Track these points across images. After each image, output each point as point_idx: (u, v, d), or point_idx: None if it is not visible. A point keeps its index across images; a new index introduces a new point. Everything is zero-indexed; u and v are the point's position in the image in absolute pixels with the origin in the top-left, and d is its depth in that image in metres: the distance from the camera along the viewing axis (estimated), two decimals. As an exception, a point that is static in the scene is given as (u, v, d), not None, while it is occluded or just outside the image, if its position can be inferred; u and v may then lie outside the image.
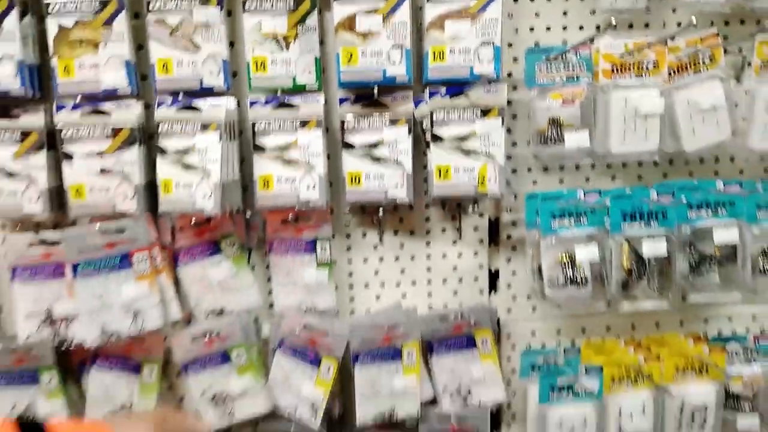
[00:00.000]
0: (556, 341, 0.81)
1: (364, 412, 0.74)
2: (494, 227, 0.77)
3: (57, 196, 0.68)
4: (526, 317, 0.80)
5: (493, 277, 0.79)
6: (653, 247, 0.69)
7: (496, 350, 0.78)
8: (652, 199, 0.70)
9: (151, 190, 0.69)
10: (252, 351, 0.74)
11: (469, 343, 0.77)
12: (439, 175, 0.68)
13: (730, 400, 0.79)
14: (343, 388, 0.78)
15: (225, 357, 0.73)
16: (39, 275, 0.69)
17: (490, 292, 0.79)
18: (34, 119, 0.65)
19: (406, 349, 0.74)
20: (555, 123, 0.69)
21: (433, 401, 0.78)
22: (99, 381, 0.72)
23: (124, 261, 0.68)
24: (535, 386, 0.76)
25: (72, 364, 0.73)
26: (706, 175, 0.77)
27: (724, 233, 0.70)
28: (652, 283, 0.72)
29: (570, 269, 0.70)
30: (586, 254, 0.69)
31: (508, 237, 0.78)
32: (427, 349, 0.77)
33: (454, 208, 0.76)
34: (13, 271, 0.69)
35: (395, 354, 0.74)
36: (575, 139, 0.69)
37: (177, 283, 0.72)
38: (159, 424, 0.56)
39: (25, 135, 0.65)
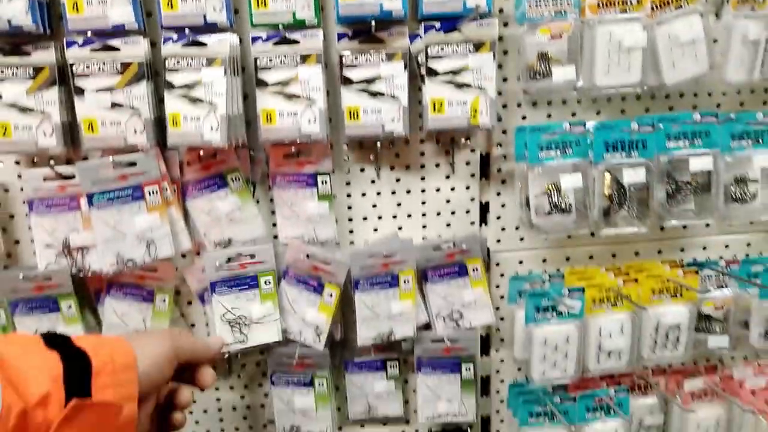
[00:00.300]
0: (542, 269, 0.85)
1: (364, 333, 0.79)
2: (485, 162, 0.81)
3: (70, 131, 0.70)
4: (514, 247, 0.85)
5: (484, 209, 0.83)
6: (633, 175, 0.73)
7: (486, 278, 0.82)
8: (633, 130, 0.73)
9: (159, 126, 0.71)
10: (276, 279, 0.77)
11: (461, 270, 0.81)
12: (434, 109, 0.71)
13: (703, 322, 0.84)
14: (344, 314, 0.82)
15: (254, 282, 0.76)
16: (55, 207, 0.72)
17: (480, 224, 0.83)
18: (45, 56, 0.67)
19: (403, 276, 0.78)
20: (543, 57, 0.72)
21: (427, 326, 0.83)
22: (114, 309, 0.76)
23: (137, 193, 0.70)
24: (522, 310, 0.81)
25: (89, 294, 0.77)
26: (685, 109, 0.81)
27: (699, 162, 0.74)
28: (631, 210, 0.76)
29: (555, 197, 0.74)
30: (570, 183, 0.73)
31: (498, 171, 0.81)
32: (422, 276, 0.81)
33: (448, 143, 0.79)
34: (30, 204, 0.71)
35: (393, 280, 0.78)
36: (562, 73, 0.72)
37: (186, 215, 0.75)
38: (173, 337, 0.58)
39: (37, 71, 0.67)
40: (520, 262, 0.85)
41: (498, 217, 0.83)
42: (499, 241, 0.84)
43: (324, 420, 0.83)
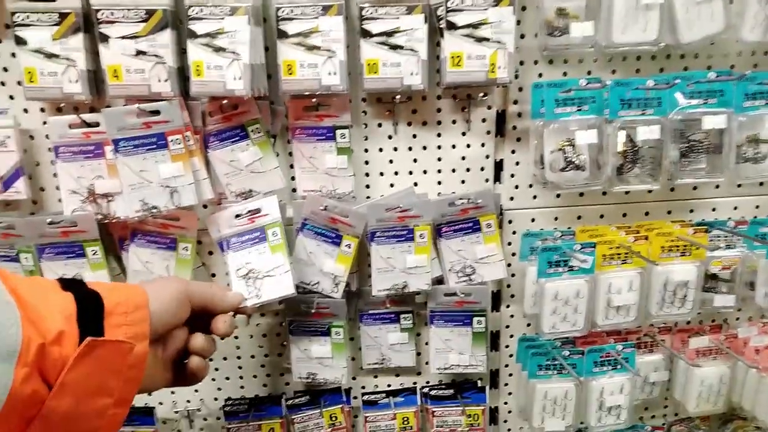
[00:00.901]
0: (554, 227, 0.85)
1: (379, 285, 0.79)
2: (500, 119, 0.80)
3: (94, 79, 0.70)
4: (527, 205, 0.84)
5: (498, 167, 0.82)
6: (647, 133, 0.72)
7: (499, 234, 0.82)
8: (648, 87, 0.72)
9: (182, 76, 0.70)
10: (283, 230, 0.76)
11: (475, 226, 0.81)
12: (453, 63, 0.70)
13: (710, 281, 0.84)
14: (359, 266, 0.83)
15: (262, 235, 0.75)
16: (80, 154, 0.72)
17: (494, 181, 0.83)
18: (70, 1, 0.66)
19: (419, 231, 0.78)
20: (562, 13, 0.71)
21: (440, 280, 0.83)
22: (138, 255, 0.76)
23: (161, 141, 0.70)
24: (533, 267, 0.81)
25: (113, 240, 0.77)
26: (700, 69, 0.79)
27: (713, 120, 0.73)
28: (644, 168, 0.75)
29: (570, 154, 0.74)
30: (585, 139, 0.72)
31: (514, 128, 0.80)
32: (436, 231, 0.81)
33: (465, 99, 0.78)
34: (56, 151, 0.71)
35: (408, 234, 0.78)
36: (580, 29, 0.71)
37: (208, 165, 0.75)
38: (187, 282, 0.58)
39: (62, 17, 0.66)
40: (533, 220, 0.85)
41: (512, 175, 0.82)
42: (512, 198, 0.83)
43: (339, 368, 0.84)
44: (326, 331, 0.83)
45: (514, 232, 0.85)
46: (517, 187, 0.83)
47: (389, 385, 0.91)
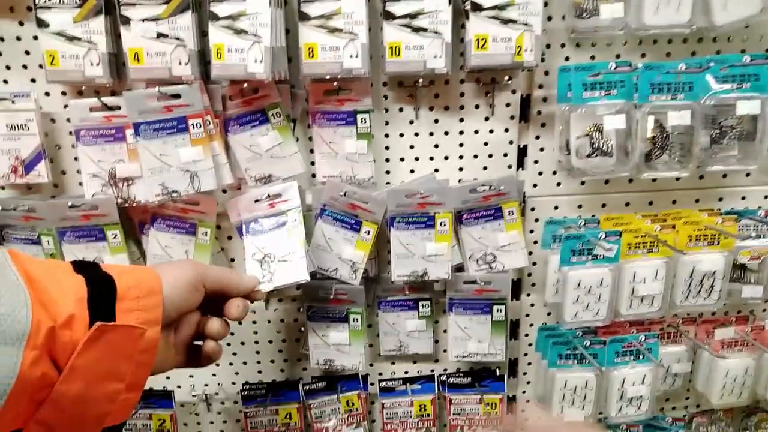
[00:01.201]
0: (577, 215, 0.84)
1: (399, 271, 0.80)
2: (525, 104, 0.79)
3: (115, 62, 0.71)
4: (550, 192, 0.84)
5: (521, 153, 0.82)
6: (678, 118, 0.71)
7: (522, 221, 0.82)
8: (679, 71, 0.71)
9: (202, 59, 0.71)
10: (301, 216, 0.77)
11: (497, 213, 0.81)
12: (477, 45, 0.70)
13: (738, 272, 0.83)
14: (378, 253, 0.83)
15: (282, 220, 0.76)
16: (101, 138, 0.72)
17: (518, 167, 0.82)
18: (91, -17, 0.67)
19: (439, 219, 0.78)
20: (591, -6, 0.70)
21: (460, 268, 0.83)
22: (158, 240, 0.77)
23: (181, 125, 0.71)
24: (555, 255, 0.81)
25: (133, 224, 0.78)
26: (733, 53, 0.78)
27: (747, 105, 0.72)
28: (673, 154, 0.75)
29: (597, 139, 0.73)
30: (613, 124, 0.72)
31: (538, 113, 0.80)
32: (456, 218, 0.81)
33: (488, 83, 0.77)
34: (77, 134, 0.72)
35: (429, 221, 0.78)
36: (610, 11, 0.70)
37: (228, 150, 0.76)
38: (201, 266, 0.58)
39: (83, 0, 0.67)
40: (556, 208, 0.84)
41: (535, 161, 0.82)
42: (535, 185, 0.83)
43: (357, 355, 0.85)
44: (344, 317, 0.84)
45: (536, 220, 0.85)
46: (540, 173, 0.83)
47: (406, 372, 0.92)
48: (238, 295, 0.64)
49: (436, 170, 0.82)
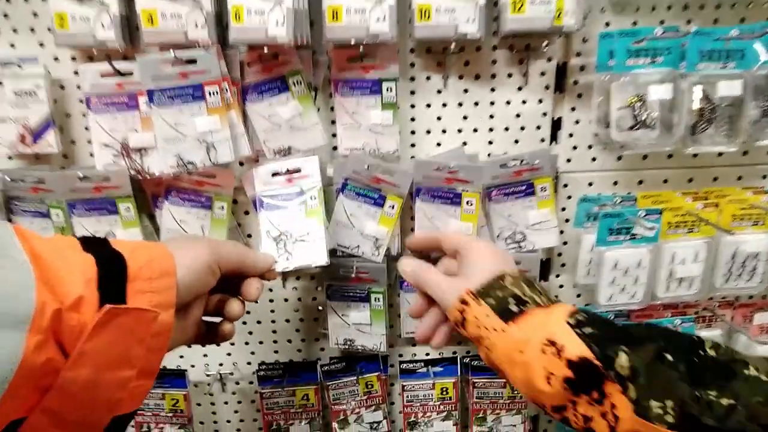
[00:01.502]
0: (612, 192, 0.82)
1: (425, 249, 0.78)
2: (561, 73, 0.76)
3: (128, 25, 0.68)
4: (585, 168, 0.81)
5: (555, 125, 0.79)
6: (728, 89, 0.68)
7: (554, 198, 0.79)
8: (731, 37, 0.68)
9: (219, 22, 0.68)
10: (321, 194, 0.75)
11: (528, 190, 0.78)
12: (515, 8, 0.66)
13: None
14: (402, 230, 0.81)
15: (300, 197, 0.74)
16: (113, 106, 0.70)
17: (551, 141, 0.79)
18: (102, -61, 0.64)
19: (467, 197, 0.76)
20: (638, -47, 0.66)
21: (488, 246, 0.81)
22: (172, 214, 0.76)
23: (197, 92, 0.68)
24: (589, 234, 0.78)
25: (147, 197, 0.76)
26: (788, 19, 0.74)
27: (803, 76, 0.68)
28: (720, 127, 0.71)
29: (640, 111, 0.70)
30: (658, 94, 0.68)
31: (575, 83, 0.76)
32: (485, 194, 0.78)
33: (523, 50, 0.74)
34: (87, 102, 0.70)
35: (455, 198, 0.76)
36: (658, -29, 0.66)
37: (245, 120, 0.73)
38: (216, 245, 0.57)
39: (94, -44, 0.64)
40: (590, 184, 0.82)
41: (570, 135, 0.79)
42: (569, 160, 0.80)
43: (377, 335, 0.84)
44: (365, 297, 0.82)
45: (569, 197, 0.82)
46: (575, 148, 0.80)
47: (427, 354, 0.91)
48: (254, 275, 0.63)
49: (464, 144, 0.79)
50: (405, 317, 0.86)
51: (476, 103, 0.77)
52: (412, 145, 0.79)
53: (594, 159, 0.80)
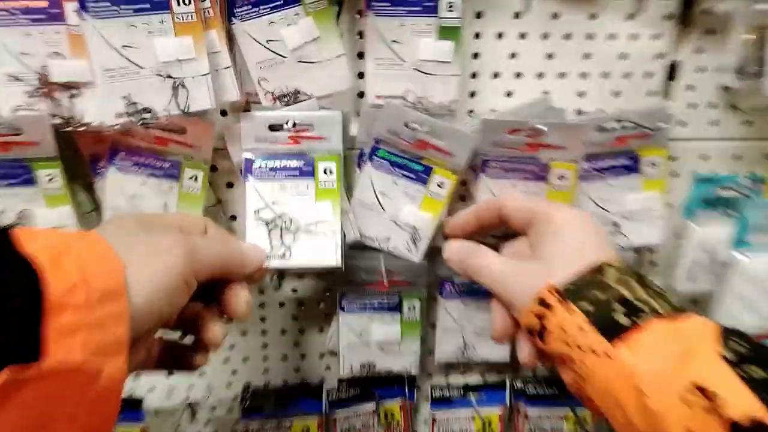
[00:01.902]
0: (731, 170, 0.62)
1: (487, 243, 0.57)
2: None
3: None
4: (702, 135, 0.60)
5: (671, 73, 0.58)
6: None
7: (666, 177, 0.59)
8: None
9: None
10: (341, 165, 0.54)
11: (632, 164, 0.58)
12: None
13: None
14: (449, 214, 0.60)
15: (308, 167, 0.53)
16: (25, 17, 0.46)
17: (664, 95, 0.58)
18: None
19: (558, 170, 0.54)
20: None
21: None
22: (122, 186, 0.53)
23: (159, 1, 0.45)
24: (705, 229, 0.59)
25: (82, 161, 0.53)
26: None
27: None
28: None
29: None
30: None
31: (705, 13, 0.55)
32: (571, 168, 0.58)
33: (645, -43, 0.52)
34: (-17, 7, 0.46)
35: (540, 172, 0.55)
36: None
37: (232, 47, 0.50)
38: (191, 243, 0.39)
39: None
40: (704, 158, 0.61)
41: (689, 87, 0.58)
42: (684, 124, 0.60)
43: (409, 354, 0.64)
44: (395, 305, 0.61)
45: (676, 175, 0.62)
46: (693, 106, 0.59)
47: (463, 372, 0.71)
48: (242, 277, 0.45)
49: (545, 93, 0.57)
50: (443, 332, 0.65)
51: (567, 36, 0.55)
52: (472, 95, 0.57)
53: (716, 123, 0.60)
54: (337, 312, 0.61)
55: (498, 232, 0.54)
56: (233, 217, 0.60)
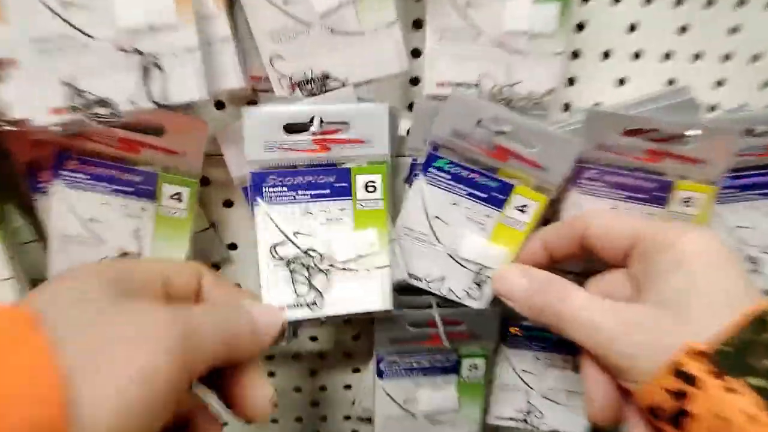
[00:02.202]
0: None
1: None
2: None
3: None
4: None
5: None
6: None
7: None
8: None
9: None
10: (387, 180, 0.38)
11: (782, 180, 0.43)
12: None
13: None
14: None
15: (345, 182, 0.37)
16: None
17: (825, 86, 0.43)
18: None
19: (683, 193, 0.39)
20: None
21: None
22: (72, 206, 0.38)
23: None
24: None
25: (15, 171, 0.38)
26: None
27: None
28: None
29: None
30: None
31: None
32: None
33: None
34: None
35: (659, 191, 0.40)
36: None
37: (233, 11, 0.35)
38: (182, 320, 0.26)
39: None
40: None
41: None
42: None
43: (468, 423, 0.49)
44: (453, 365, 0.47)
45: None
46: None
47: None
48: (255, 354, 0.32)
49: (670, 82, 0.42)
50: (503, 392, 0.50)
51: (709, 2, 0.40)
52: (571, 82, 0.42)
53: None
54: (373, 377, 0.46)
55: (576, 268, 0.39)
56: (232, 246, 0.45)
